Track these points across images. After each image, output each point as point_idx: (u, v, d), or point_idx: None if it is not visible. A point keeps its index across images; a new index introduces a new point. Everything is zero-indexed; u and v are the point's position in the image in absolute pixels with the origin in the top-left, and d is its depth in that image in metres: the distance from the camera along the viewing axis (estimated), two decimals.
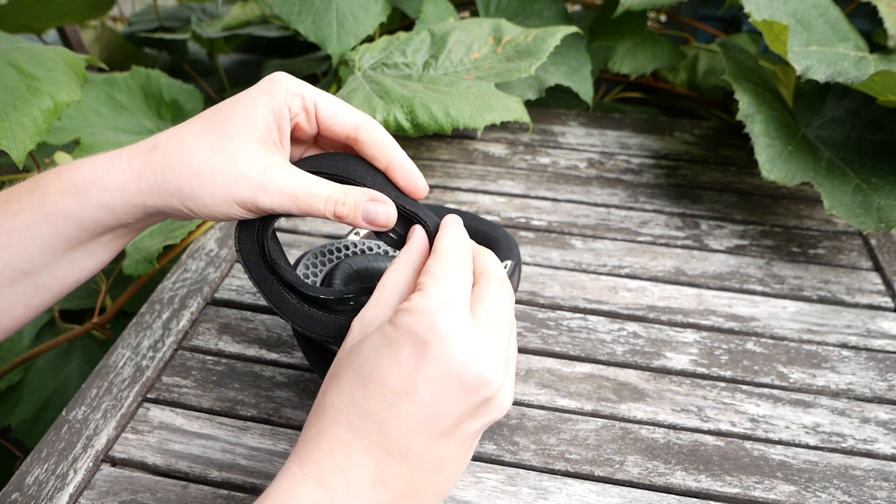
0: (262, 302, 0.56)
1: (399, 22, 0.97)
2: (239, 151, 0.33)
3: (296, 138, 0.37)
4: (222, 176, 0.33)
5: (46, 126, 0.54)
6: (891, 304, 0.58)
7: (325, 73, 1.02)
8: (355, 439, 0.29)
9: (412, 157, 0.78)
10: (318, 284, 0.42)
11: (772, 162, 0.60)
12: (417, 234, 0.35)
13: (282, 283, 0.36)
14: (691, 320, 0.56)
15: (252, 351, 0.52)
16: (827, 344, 0.54)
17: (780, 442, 0.46)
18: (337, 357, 0.31)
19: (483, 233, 0.51)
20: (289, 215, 0.35)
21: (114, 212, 0.34)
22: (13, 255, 0.33)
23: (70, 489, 0.41)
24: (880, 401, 0.49)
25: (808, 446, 0.46)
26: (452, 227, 0.34)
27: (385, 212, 0.35)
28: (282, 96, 0.34)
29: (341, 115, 0.35)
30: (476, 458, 0.44)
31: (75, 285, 0.36)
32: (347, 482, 0.28)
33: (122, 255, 0.66)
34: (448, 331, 0.28)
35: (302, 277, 0.41)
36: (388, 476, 0.29)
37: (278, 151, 0.35)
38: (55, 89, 0.56)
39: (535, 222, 0.67)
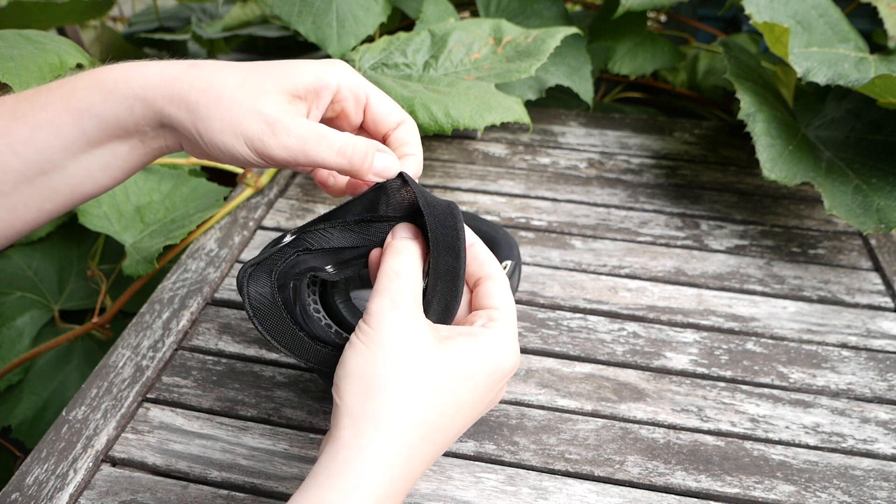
0: None
1: (399, 22, 0.97)
2: (265, 92, 0.33)
3: (338, 127, 0.37)
4: (240, 105, 0.33)
5: (52, 76, 0.55)
6: (891, 304, 0.58)
7: None
8: (428, 454, 0.31)
9: None
10: (317, 292, 0.41)
11: (773, 161, 0.60)
12: (408, 233, 0.36)
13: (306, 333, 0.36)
14: (691, 320, 0.56)
15: (252, 351, 0.52)
16: (827, 344, 0.54)
17: (780, 442, 0.46)
18: (387, 361, 0.31)
19: (483, 233, 0.51)
20: (294, 166, 0.35)
21: (133, 113, 0.33)
22: (35, 152, 0.33)
23: (70, 489, 0.41)
24: (880, 401, 0.49)
25: (808, 446, 0.46)
26: (493, 258, 0.37)
27: (390, 164, 0.35)
28: (337, 72, 0.34)
29: (390, 112, 0.36)
30: (476, 458, 0.44)
31: (86, 198, 0.36)
32: (399, 492, 0.31)
33: (122, 255, 0.66)
34: (514, 363, 0.34)
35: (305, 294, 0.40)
36: (417, 475, 0.32)
37: (304, 112, 0.35)
38: (62, 52, 0.57)
39: (535, 222, 0.67)
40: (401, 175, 0.35)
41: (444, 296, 0.34)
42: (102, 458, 0.44)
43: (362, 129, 0.38)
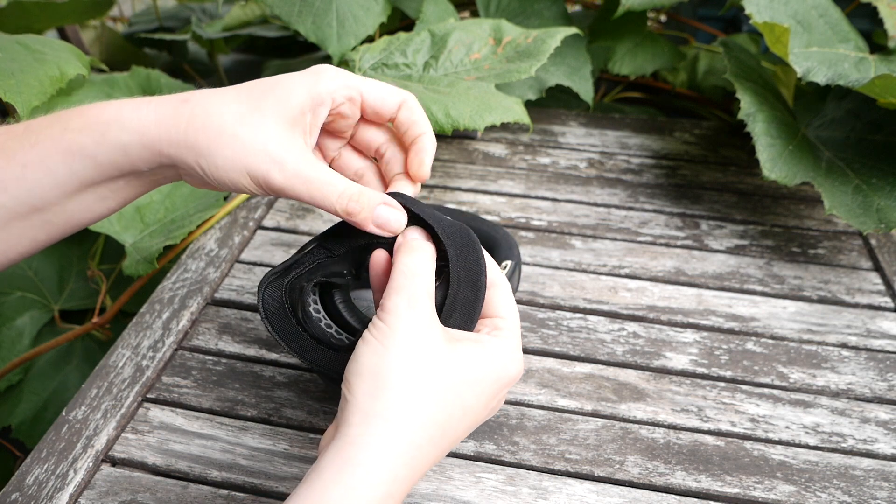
0: None
1: (399, 22, 0.97)
2: (265, 125, 0.33)
3: (335, 129, 0.38)
4: (242, 143, 0.32)
5: (52, 90, 0.55)
6: (891, 304, 0.58)
7: None
8: (432, 455, 0.31)
9: None
10: (317, 293, 0.42)
11: (773, 161, 0.60)
12: (420, 234, 0.35)
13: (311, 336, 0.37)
14: (691, 320, 0.56)
15: (252, 351, 0.52)
16: (827, 344, 0.54)
17: (780, 442, 0.46)
18: (399, 361, 0.31)
19: (483, 233, 0.51)
20: (295, 199, 0.35)
21: (129, 156, 0.33)
22: (26, 190, 0.32)
23: (70, 489, 0.41)
24: (880, 401, 0.49)
25: (808, 446, 0.46)
26: (493, 263, 0.37)
27: (396, 218, 0.35)
28: (326, 84, 0.34)
29: (387, 97, 0.36)
30: (476, 458, 0.44)
31: (82, 226, 0.36)
32: (404, 491, 0.31)
33: (122, 255, 0.66)
34: (519, 371, 0.34)
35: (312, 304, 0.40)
36: (420, 474, 0.32)
37: (304, 136, 0.35)
38: (62, 62, 0.57)
39: (535, 222, 0.67)
40: (410, 219, 0.36)
41: (458, 326, 0.34)
42: (102, 458, 0.44)
43: (365, 121, 0.38)
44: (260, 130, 0.33)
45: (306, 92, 0.34)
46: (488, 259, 0.37)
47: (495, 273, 0.36)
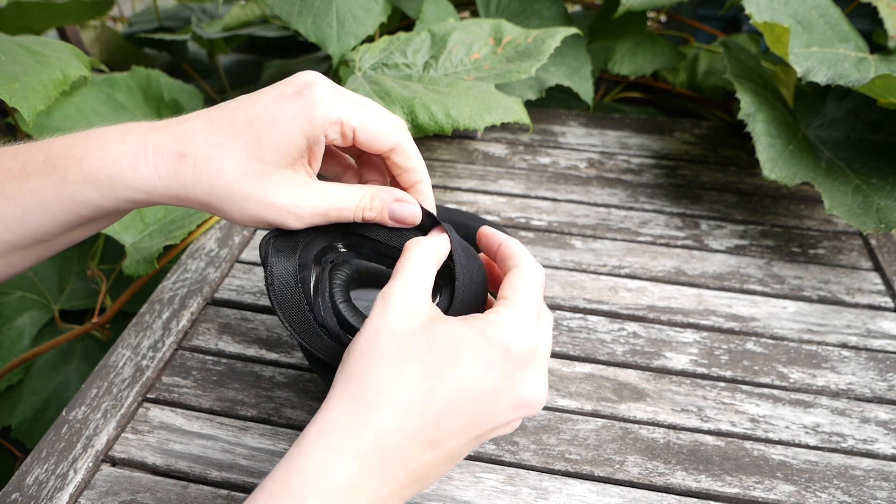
0: (262, 302, 0.56)
1: (399, 22, 0.97)
2: (270, 178, 0.34)
3: (328, 151, 0.40)
4: (253, 201, 0.34)
5: (56, 93, 0.56)
6: (891, 304, 0.58)
7: (325, 73, 1.02)
8: (408, 429, 0.30)
9: None
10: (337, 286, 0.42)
11: (773, 161, 0.60)
12: (439, 229, 0.37)
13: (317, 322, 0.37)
14: (691, 320, 0.56)
15: (252, 351, 0.52)
16: (827, 344, 0.54)
17: (780, 442, 0.46)
18: (377, 336, 0.31)
19: (469, 227, 0.51)
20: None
21: (137, 204, 0.35)
22: (29, 229, 0.34)
23: (70, 489, 0.41)
24: (880, 401, 0.49)
25: (808, 446, 0.46)
26: (523, 251, 0.37)
27: (411, 211, 0.37)
28: (320, 124, 0.34)
29: (379, 138, 0.36)
30: (476, 458, 0.44)
31: (78, 242, 0.38)
32: (384, 464, 0.29)
33: (122, 255, 0.66)
34: (519, 341, 0.32)
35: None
36: (419, 463, 0.31)
37: (306, 168, 0.36)
38: (64, 64, 0.58)
39: (535, 222, 0.67)
40: (437, 224, 0.37)
41: None
42: (102, 458, 0.44)
43: (353, 148, 0.38)
44: (267, 186, 0.34)
45: (301, 134, 0.34)
46: (516, 245, 0.37)
47: (519, 257, 0.36)
